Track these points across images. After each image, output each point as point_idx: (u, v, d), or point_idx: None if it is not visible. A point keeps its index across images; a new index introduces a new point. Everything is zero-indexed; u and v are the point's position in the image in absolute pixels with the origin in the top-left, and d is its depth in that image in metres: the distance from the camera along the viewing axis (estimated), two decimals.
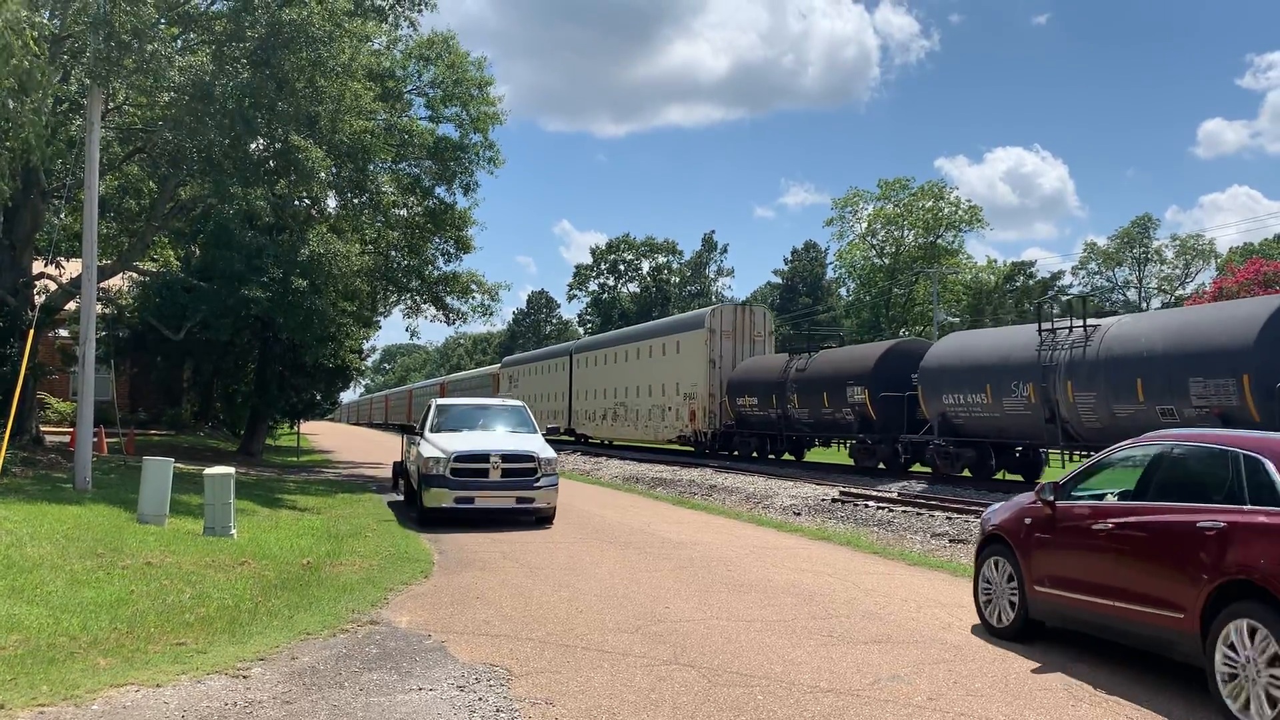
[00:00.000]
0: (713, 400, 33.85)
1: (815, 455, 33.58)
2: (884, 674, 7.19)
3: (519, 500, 15.75)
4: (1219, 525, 6.42)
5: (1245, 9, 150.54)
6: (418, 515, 16.20)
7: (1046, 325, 20.30)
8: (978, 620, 9.01)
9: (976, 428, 22.00)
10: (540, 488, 15.80)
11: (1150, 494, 7.35)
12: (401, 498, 20.18)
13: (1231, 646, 6.13)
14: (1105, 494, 8.00)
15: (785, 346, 33.29)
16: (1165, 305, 76.49)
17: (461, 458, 15.57)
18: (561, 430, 46.58)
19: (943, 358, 23.22)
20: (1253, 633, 5.99)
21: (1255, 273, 41.87)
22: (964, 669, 7.40)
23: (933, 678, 7.11)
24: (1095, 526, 7.54)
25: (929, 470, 23.90)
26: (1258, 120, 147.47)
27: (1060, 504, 8.11)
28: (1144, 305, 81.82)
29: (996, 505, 9.50)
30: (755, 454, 32.19)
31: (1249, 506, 6.37)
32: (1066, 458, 21.78)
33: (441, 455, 15.56)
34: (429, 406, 18.39)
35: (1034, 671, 7.39)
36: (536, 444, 16.50)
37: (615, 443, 44.72)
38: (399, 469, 20.80)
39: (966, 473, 23.03)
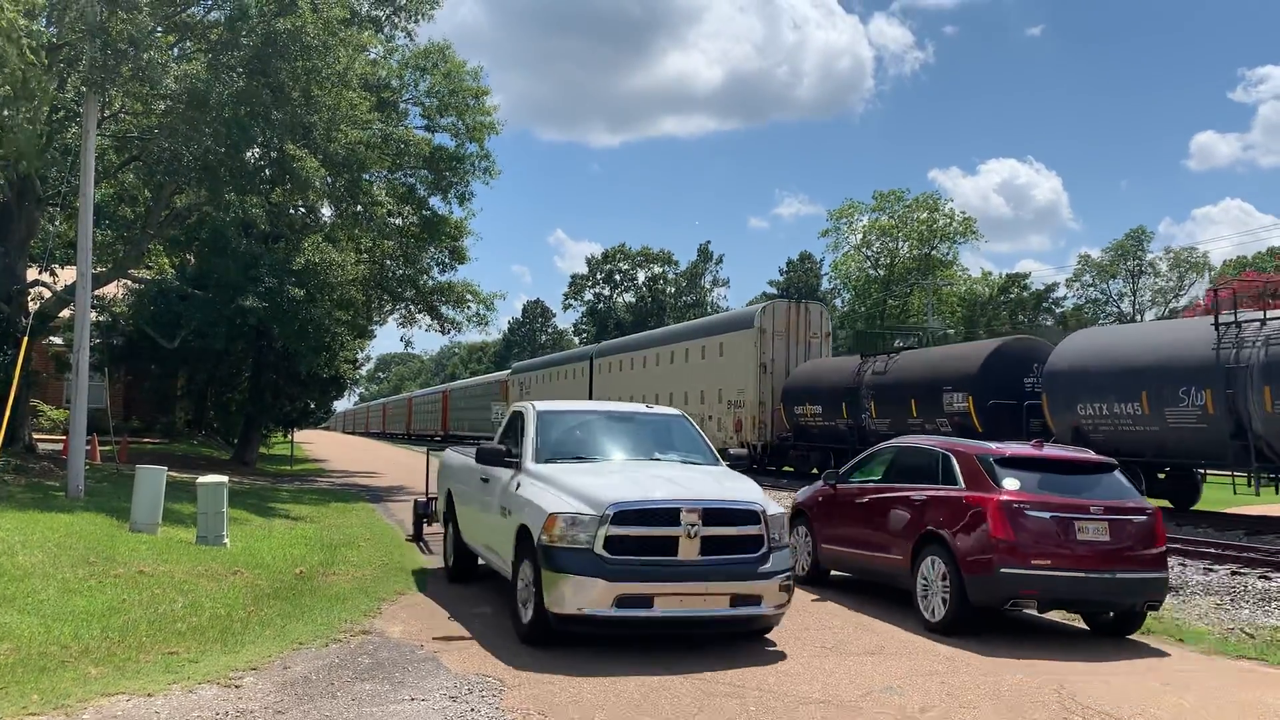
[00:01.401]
0: (763, 409, 30.46)
1: None
2: (878, 685, 7.18)
3: (735, 602, 8.08)
4: (923, 497, 9.97)
5: (1237, 22, 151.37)
6: (527, 627, 8.27)
7: (1226, 317, 16.73)
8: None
9: (1124, 444, 17.98)
10: (770, 575, 8.14)
11: (890, 478, 10.86)
12: (436, 558, 13.10)
13: (924, 575, 9.57)
14: (866, 479, 11.35)
15: (857, 346, 30.32)
16: (1160, 318, 76.71)
17: (628, 514, 7.94)
18: None
19: (1077, 358, 19.73)
20: (933, 563, 9.44)
21: (1248, 285, 42.01)
22: (956, 681, 7.40)
23: (925, 690, 7.11)
24: (858, 501, 11.08)
25: None
26: (1250, 133, 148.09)
27: (840, 486, 11.63)
28: (1138, 318, 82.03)
29: (804, 488, 12.79)
30: (816, 469, 27.75)
31: (940, 485, 9.92)
32: (1247, 484, 17.47)
33: (584, 510, 7.96)
34: (519, 416, 10.20)
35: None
36: (745, 488, 8.80)
37: None
38: (424, 512, 14.88)
39: None
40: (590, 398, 44.96)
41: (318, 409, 46.68)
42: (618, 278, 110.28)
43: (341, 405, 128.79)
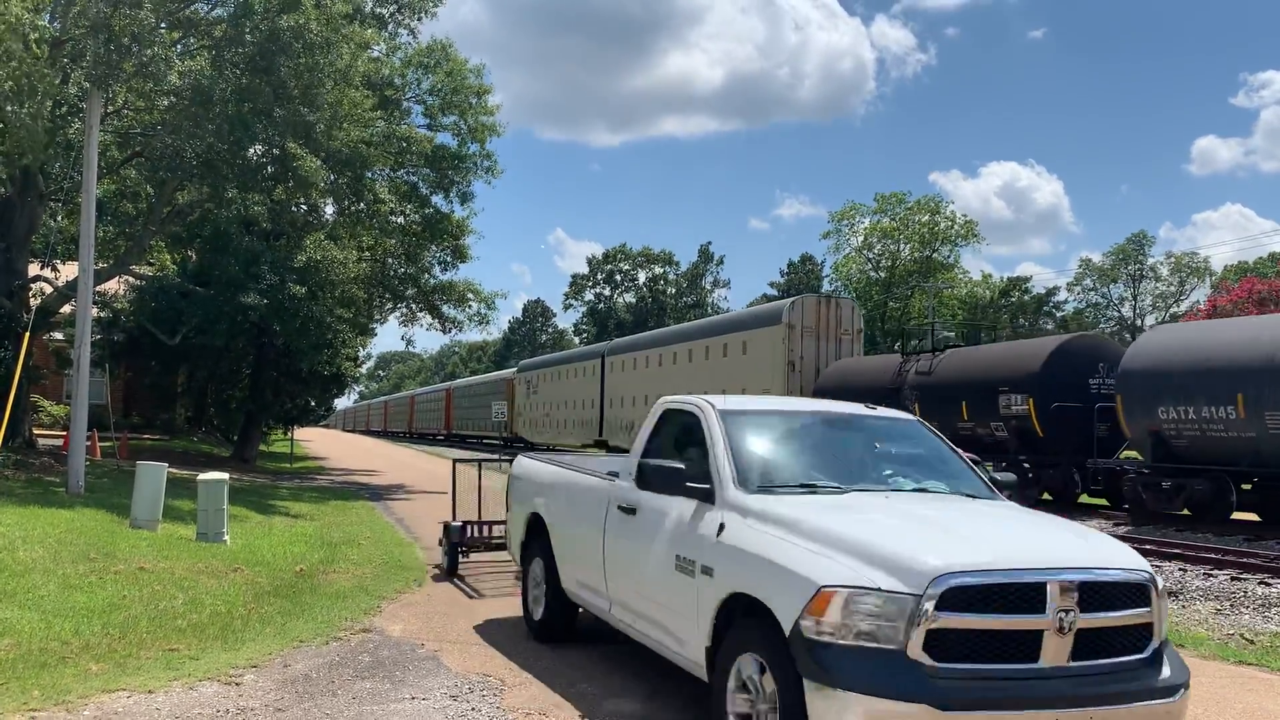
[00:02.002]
0: None
1: None
2: None
3: None
4: None
5: (1239, 27, 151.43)
6: None
7: None
8: None
9: (1213, 452, 16.68)
10: (1173, 690, 4.95)
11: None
12: (490, 603, 10.05)
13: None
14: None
15: (897, 344, 27.69)
16: (1161, 323, 76.69)
17: (967, 592, 4.66)
18: (591, 442, 43.44)
19: (1158, 357, 18.00)
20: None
21: (1249, 291, 42.03)
22: None
23: None
24: None
25: (1109, 505, 20.25)
26: (1251, 138, 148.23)
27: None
28: (1139, 323, 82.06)
29: None
30: None
31: None
32: None
33: (886, 582, 4.67)
34: (688, 419, 6.87)
35: None
36: (1111, 545, 5.50)
37: None
38: (460, 540, 11.77)
39: (1185, 511, 17.79)
40: (602, 398, 43.25)
41: (318, 407, 46.68)
42: (618, 278, 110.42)
43: (342, 403, 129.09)
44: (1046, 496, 20.84)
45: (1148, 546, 14.37)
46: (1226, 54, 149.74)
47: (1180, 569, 12.95)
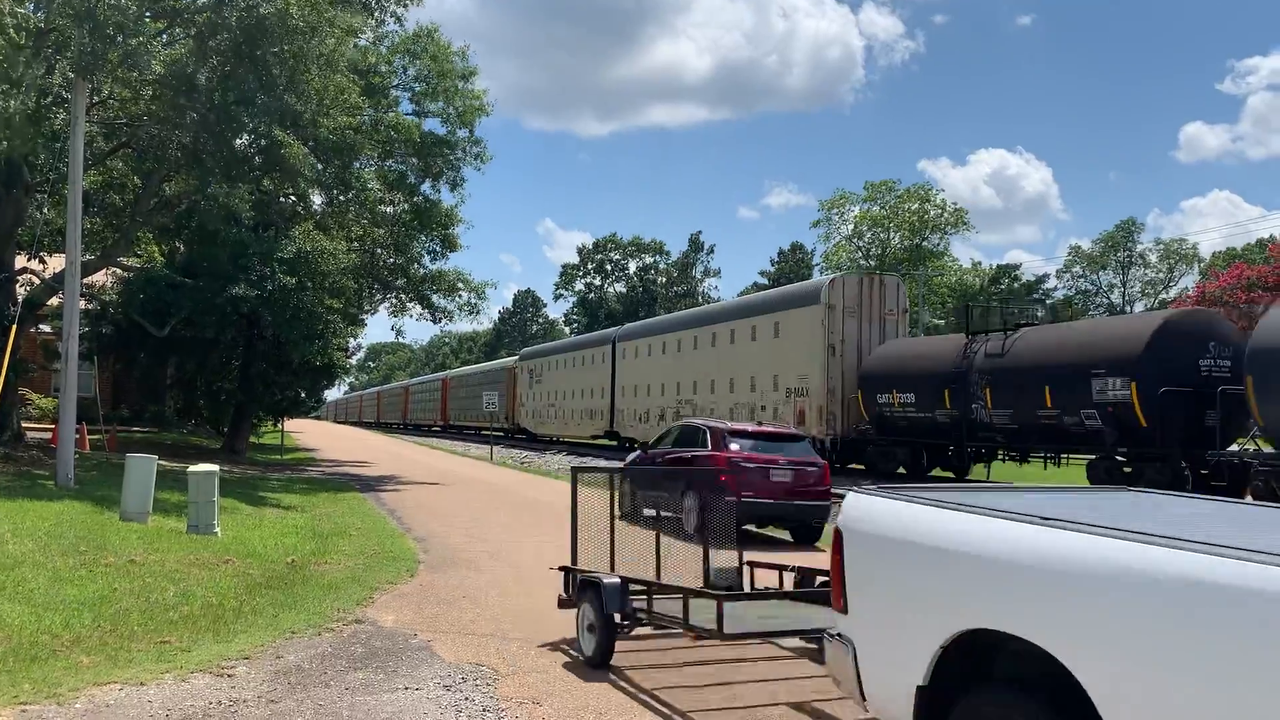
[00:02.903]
0: (833, 398, 26.45)
1: (1007, 473, 24.14)
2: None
3: None
4: (695, 456, 15.58)
5: (1226, 13, 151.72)
6: None
7: None
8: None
9: None
10: None
11: (676, 445, 16.84)
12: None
13: (687, 503, 13.65)
14: (661, 446, 17.51)
15: (962, 322, 24.73)
16: (1150, 309, 76.89)
17: None
18: (602, 434, 42.18)
19: None
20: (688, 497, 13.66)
21: (1238, 277, 42.12)
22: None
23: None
24: (658, 462, 16.85)
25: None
26: (1239, 125, 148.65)
27: (650, 451, 17.93)
28: (1128, 309, 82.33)
29: (631, 454, 19.73)
30: (902, 469, 24.90)
31: (700, 449, 15.64)
32: None
33: None
34: None
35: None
36: None
37: None
38: (623, 610, 7.13)
39: None
40: (614, 387, 41.40)
41: (308, 398, 46.51)
42: (609, 268, 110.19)
43: (333, 395, 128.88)
44: None
45: None
46: (1214, 40, 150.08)
47: None
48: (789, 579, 7.77)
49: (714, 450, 15.42)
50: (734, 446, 15.26)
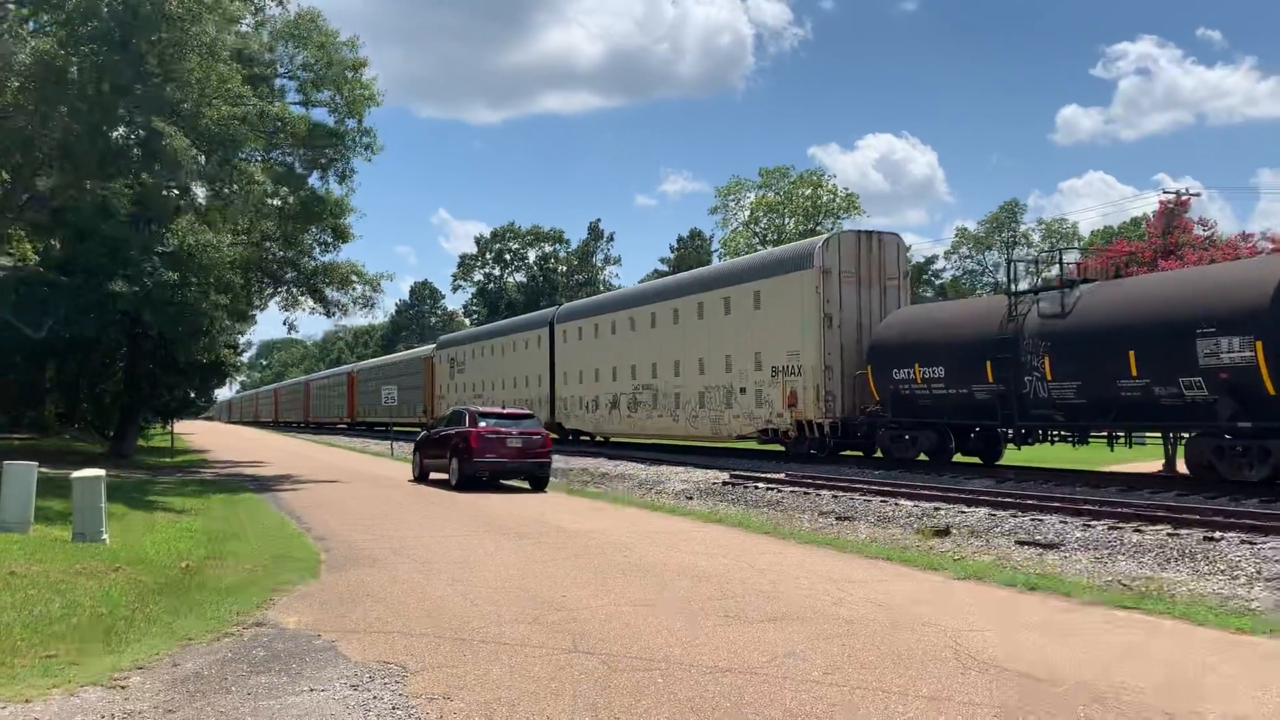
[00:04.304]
0: (830, 375, 23.63)
1: (1062, 455, 22.02)
2: (781, 651, 7.27)
3: None
4: (458, 431, 22.20)
5: (1097, 1, 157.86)
6: None
7: None
8: (864, 593, 9.26)
9: None
10: None
11: (448, 425, 23.36)
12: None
13: (452, 466, 21.93)
14: (438, 426, 24.63)
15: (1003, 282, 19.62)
16: (1033, 288, 79.49)
17: None
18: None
19: None
20: (454, 460, 21.93)
21: (1119, 254, 43.94)
22: (856, 643, 7.54)
23: (827, 653, 7.22)
24: (437, 436, 23.59)
25: None
26: (1111, 107, 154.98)
27: (433, 431, 24.63)
28: (1014, 287, 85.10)
29: (421, 434, 26.42)
30: (925, 455, 21.98)
31: (465, 428, 21.92)
32: None
33: None
34: None
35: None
36: None
37: (634, 441, 34.91)
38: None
39: None
40: (553, 373, 38.01)
41: (198, 398, 45.11)
42: (508, 257, 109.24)
43: (224, 394, 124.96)
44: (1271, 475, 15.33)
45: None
46: (1086, 27, 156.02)
47: (1061, 521, 13.48)
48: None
49: (470, 427, 21.70)
50: (483, 424, 21.65)
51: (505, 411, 23.46)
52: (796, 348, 24.42)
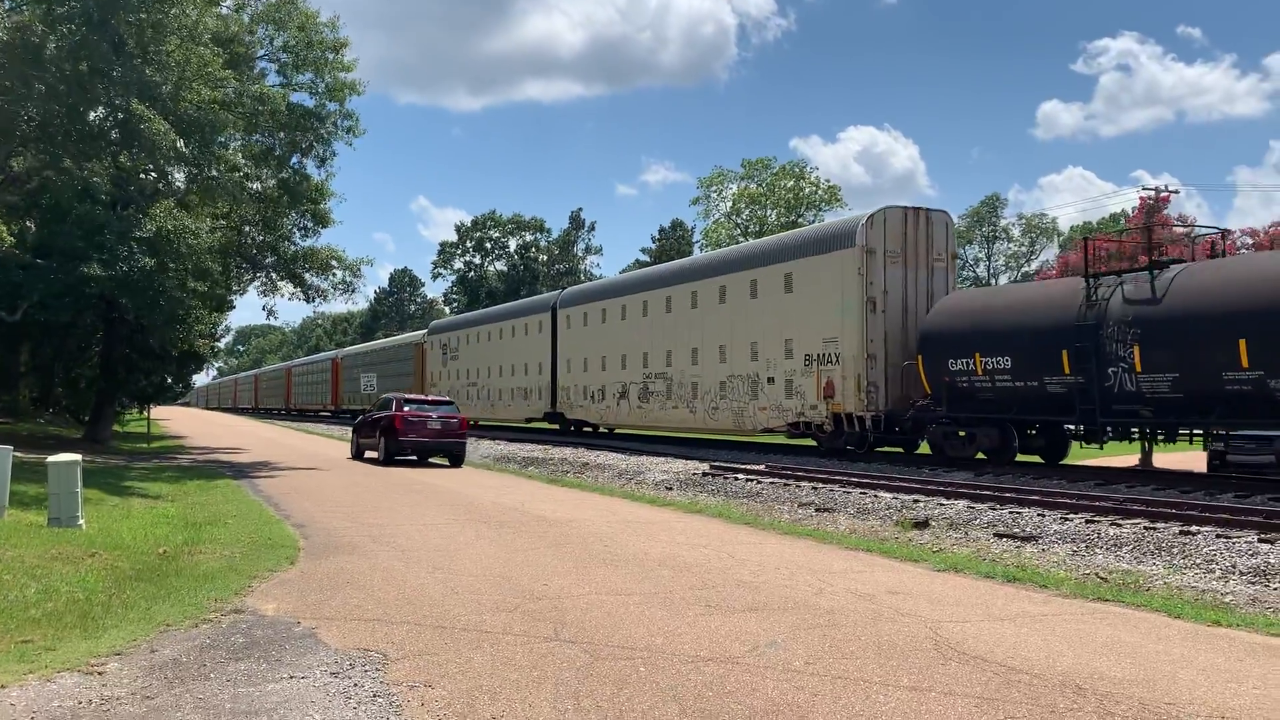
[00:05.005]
0: (873, 364, 21.72)
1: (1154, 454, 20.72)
2: (762, 641, 7.28)
3: None
4: (386, 415, 26.53)
5: None
6: None
7: None
8: (845, 583, 9.28)
9: None
10: None
11: (379, 410, 27.69)
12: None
13: (380, 443, 26.57)
14: (371, 411, 29.05)
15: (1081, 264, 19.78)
16: (1014, 281, 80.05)
17: None
18: (541, 416, 37.92)
19: None
20: (381, 440, 26.50)
21: (1098, 249, 44.16)
22: (837, 633, 7.56)
23: (809, 643, 7.24)
24: (370, 420, 27.88)
25: None
26: (1091, 103, 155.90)
27: (369, 416, 28.21)
28: (993, 282, 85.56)
29: (360, 419, 29.91)
30: (983, 454, 20.04)
31: (392, 412, 26.31)
32: None
33: None
34: None
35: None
36: None
37: (645, 432, 33.58)
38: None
39: None
40: (555, 360, 36.17)
41: (175, 384, 44.73)
42: (488, 245, 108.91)
43: (202, 380, 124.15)
44: None
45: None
46: (1067, 22, 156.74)
47: (1039, 514, 13.57)
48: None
49: (396, 411, 25.88)
50: (407, 409, 25.93)
51: (427, 398, 28.43)
52: (834, 334, 22.48)
